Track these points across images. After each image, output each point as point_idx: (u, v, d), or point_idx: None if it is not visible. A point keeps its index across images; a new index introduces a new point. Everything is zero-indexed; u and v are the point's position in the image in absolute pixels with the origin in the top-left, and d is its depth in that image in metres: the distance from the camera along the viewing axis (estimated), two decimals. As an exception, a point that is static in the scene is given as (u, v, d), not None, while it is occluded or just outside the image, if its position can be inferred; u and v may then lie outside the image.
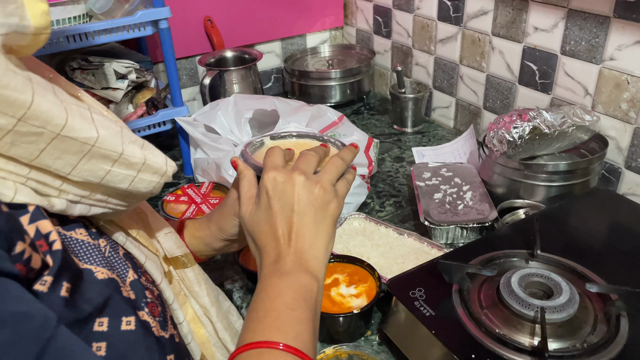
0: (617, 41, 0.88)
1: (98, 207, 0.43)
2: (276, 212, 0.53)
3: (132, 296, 0.45)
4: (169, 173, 0.47)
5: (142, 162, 0.43)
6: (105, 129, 0.40)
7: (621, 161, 0.93)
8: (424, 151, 1.15)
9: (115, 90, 1.09)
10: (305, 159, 0.56)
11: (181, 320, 0.52)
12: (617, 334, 0.58)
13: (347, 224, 0.92)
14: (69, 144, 0.37)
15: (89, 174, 0.39)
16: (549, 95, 1.03)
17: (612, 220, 0.80)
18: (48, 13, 0.37)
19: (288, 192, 0.52)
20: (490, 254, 0.71)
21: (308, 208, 0.52)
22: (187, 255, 0.57)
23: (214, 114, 1.05)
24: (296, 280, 0.50)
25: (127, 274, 0.46)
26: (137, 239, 0.51)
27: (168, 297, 0.52)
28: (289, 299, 0.49)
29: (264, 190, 0.54)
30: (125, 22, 0.96)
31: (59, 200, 0.39)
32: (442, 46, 1.26)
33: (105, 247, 0.45)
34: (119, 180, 0.42)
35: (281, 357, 0.45)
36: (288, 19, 1.48)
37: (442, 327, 0.61)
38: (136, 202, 0.48)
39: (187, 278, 0.58)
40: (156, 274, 0.51)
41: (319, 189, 0.53)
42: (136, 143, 0.43)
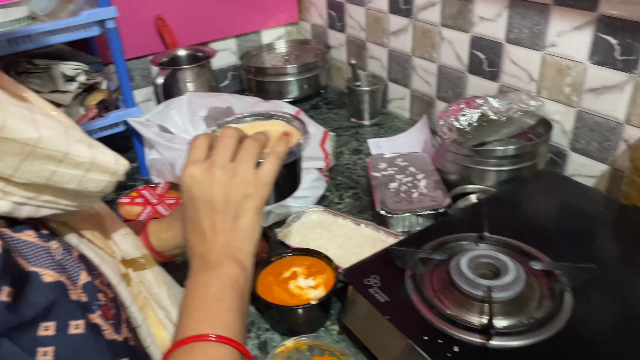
0: (557, 28, 0.91)
1: (47, 208, 0.42)
2: (198, 209, 0.53)
3: (84, 299, 0.44)
4: (121, 172, 0.46)
5: (90, 162, 0.42)
6: (47, 129, 0.39)
7: (566, 144, 0.97)
8: (380, 142, 1.17)
9: (63, 93, 1.07)
10: (222, 149, 0.54)
11: (140, 323, 0.52)
12: (561, 308, 0.61)
13: (306, 217, 0.93)
14: (9, 146, 0.37)
15: (32, 175, 0.39)
16: (497, 83, 1.06)
17: (558, 201, 0.84)
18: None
19: (206, 190, 0.52)
20: (442, 239, 0.73)
21: (227, 204, 0.53)
22: (145, 256, 0.57)
23: (167, 114, 1.04)
24: (222, 271, 0.51)
25: (80, 276, 0.45)
26: (92, 240, 0.50)
27: (125, 299, 0.51)
28: (216, 290, 0.50)
29: (184, 188, 0.54)
30: (70, 23, 0.94)
31: (3, 202, 0.39)
32: (394, 38, 1.28)
33: (58, 249, 0.44)
34: (66, 181, 0.41)
35: (212, 347, 0.46)
36: (242, 16, 1.48)
37: (396, 312, 0.62)
38: (88, 202, 0.47)
39: (146, 280, 0.57)
40: (112, 276, 0.50)
41: (237, 182, 0.53)
42: (83, 142, 0.42)
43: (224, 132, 0.55)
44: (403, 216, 0.88)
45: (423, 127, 1.12)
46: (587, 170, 0.95)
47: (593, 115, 0.91)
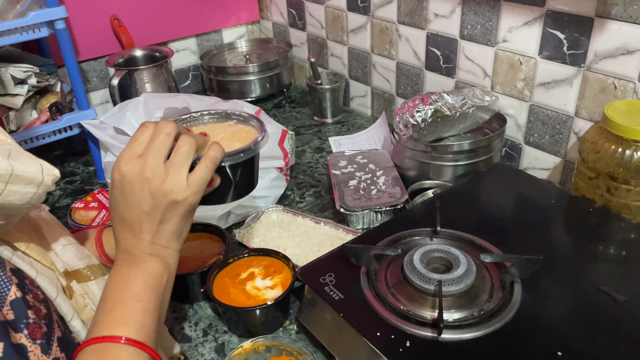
0: (508, 23, 0.93)
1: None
2: (126, 207, 0.52)
3: (11, 316, 0.42)
4: (48, 182, 0.44)
5: (9, 174, 0.40)
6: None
7: (520, 137, 0.99)
8: (340, 140, 1.17)
9: (14, 96, 1.04)
10: (156, 148, 0.52)
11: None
12: (511, 299, 0.62)
13: (265, 217, 0.92)
14: None
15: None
16: (453, 79, 1.07)
17: (511, 194, 0.85)
18: None
19: (136, 192, 0.52)
20: (397, 235, 0.73)
21: (155, 209, 0.52)
22: (90, 267, 0.55)
23: (122, 115, 1.02)
24: (145, 269, 0.52)
25: (9, 292, 0.43)
26: (27, 253, 0.48)
27: (65, 313, 0.50)
28: (137, 289, 0.50)
29: (114, 184, 0.53)
30: (17, 24, 0.91)
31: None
32: (353, 36, 1.28)
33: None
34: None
35: (124, 351, 0.46)
36: (202, 15, 1.46)
37: (350, 309, 0.62)
38: (16, 215, 0.45)
39: (91, 292, 0.55)
40: (50, 290, 0.49)
41: (166, 188, 0.52)
42: (0, 154, 0.40)
43: (161, 127, 0.53)
44: (362, 213, 0.88)
45: (382, 124, 1.13)
46: (541, 163, 0.97)
47: (545, 109, 0.93)
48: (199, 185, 0.54)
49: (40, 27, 0.94)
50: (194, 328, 0.75)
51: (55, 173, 0.46)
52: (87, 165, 1.19)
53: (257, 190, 0.95)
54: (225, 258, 0.78)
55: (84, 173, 1.16)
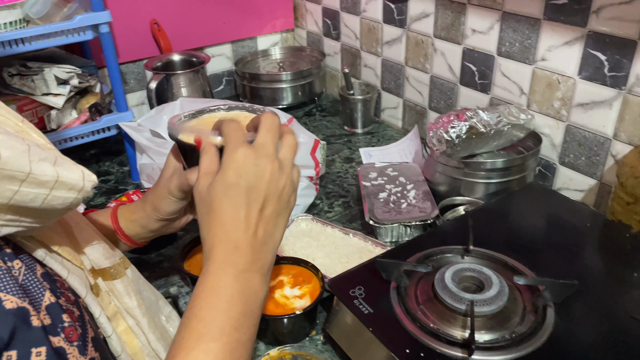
0: (547, 42, 0.92)
1: (10, 227, 0.41)
2: (244, 191, 0.49)
3: (48, 321, 0.43)
4: (87, 188, 0.45)
5: (55, 180, 0.41)
6: (8, 149, 0.38)
7: (555, 157, 0.98)
8: (371, 152, 1.17)
9: (56, 96, 1.07)
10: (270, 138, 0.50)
11: (109, 334, 0.51)
12: (544, 323, 0.61)
13: (294, 226, 0.93)
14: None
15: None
16: (488, 95, 1.07)
17: (545, 215, 0.84)
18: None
19: (260, 175, 0.49)
20: (428, 251, 0.73)
21: (275, 197, 0.50)
22: (115, 266, 0.56)
23: (159, 119, 1.04)
24: (250, 284, 0.49)
25: (44, 297, 0.44)
26: (60, 253, 0.49)
27: (94, 311, 0.51)
28: (237, 313, 0.47)
29: (233, 165, 0.49)
30: (63, 26, 0.94)
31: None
32: (388, 48, 1.29)
33: (20, 269, 0.43)
34: (30, 200, 0.40)
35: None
36: (238, 22, 1.48)
37: (379, 324, 0.63)
38: (54, 218, 0.46)
39: (116, 290, 0.57)
40: (80, 289, 0.50)
41: (285, 179, 0.51)
42: (47, 160, 0.41)
43: (269, 118, 0.51)
44: (391, 226, 0.88)
45: (414, 138, 1.13)
46: (575, 184, 0.96)
47: (582, 129, 0.92)
48: (297, 182, 0.54)
49: (86, 31, 0.97)
50: (221, 333, 0.76)
51: (94, 179, 0.47)
52: (122, 165, 1.22)
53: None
54: (255, 265, 0.79)
55: (118, 173, 1.19)
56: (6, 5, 0.94)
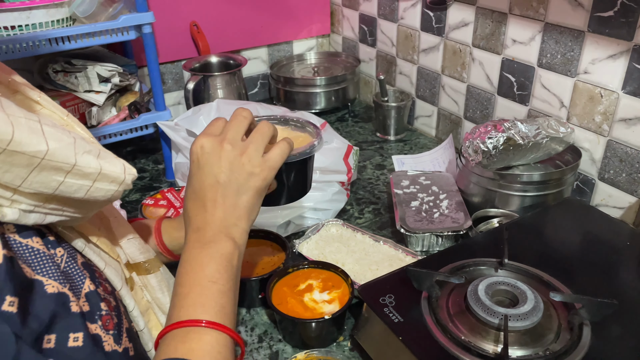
0: (591, 55, 0.90)
1: (54, 215, 0.42)
2: (202, 180, 0.54)
3: (87, 308, 0.44)
4: (128, 181, 0.46)
5: (98, 172, 0.43)
6: (56, 141, 0.39)
7: (594, 172, 0.95)
8: (404, 159, 1.16)
9: (98, 93, 1.10)
10: (234, 126, 0.55)
11: (142, 327, 0.52)
12: (579, 342, 0.59)
13: (325, 230, 0.93)
14: (17, 158, 0.37)
15: (40, 185, 0.39)
16: (526, 107, 1.05)
17: (582, 231, 0.82)
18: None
19: (213, 162, 0.53)
20: (461, 262, 0.72)
21: (231, 179, 0.53)
22: (150, 261, 0.57)
23: (196, 119, 1.06)
24: (217, 250, 0.52)
25: (84, 284, 0.46)
26: (98, 245, 0.51)
27: (128, 304, 0.52)
28: (211, 270, 0.51)
29: (192, 157, 0.55)
30: (108, 26, 0.97)
31: (10, 210, 0.39)
32: (424, 56, 1.28)
33: (62, 256, 0.45)
34: (74, 191, 0.41)
35: (206, 334, 0.47)
36: (275, 26, 1.50)
37: (409, 334, 0.62)
38: (95, 209, 0.47)
39: (149, 284, 0.58)
40: (116, 281, 0.51)
41: (244, 160, 0.54)
42: (91, 153, 0.43)
43: (238, 112, 0.57)
44: (423, 236, 0.88)
45: (448, 147, 1.12)
46: (615, 201, 0.93)
47: (624, 145, 0.89)
48: (274, 162, 0.56)
49: (129, 30, 0.99)
50: (249, 333, 0.76)
51: (134, 172, 0.48)
52: (157, 163, 1.24)
53: (318, 203, 0.97)
54: (285, 267, 0.79)
55: (153, 170, 1.21)
56: (54, 3, 0.98)
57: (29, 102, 0.48)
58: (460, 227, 0.87)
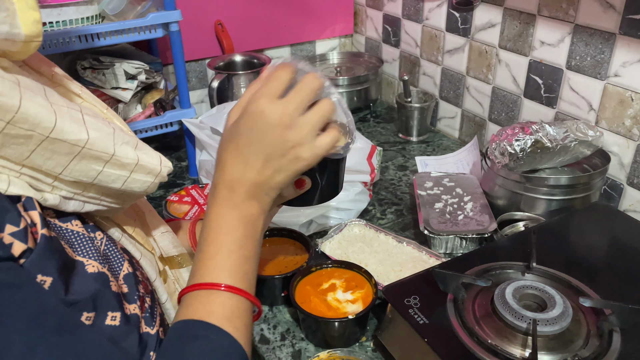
0: (622, 58, 0.88)
1: (92, 204, 0.44)
2: (251, 142, 0.50)
3: (125, 289, 0.46)
4: (164, 173, 0.47)
5: (135, 163, 0.44)
6: (96, 131, 0.40)
7: (623, 177, 0.94)
8: (427, 160, 1.16)
9: (124, 90, 1.11)
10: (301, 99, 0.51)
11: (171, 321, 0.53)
12: (609, 349, 0.58)
13: (347, 230, 0.93)
14: (59, 146, 0.38)
15: (80, 174, 0.40)
16: (553, 109, 1.03)
17: (611, 236, 0.81)
18: (40, 21, 0.38)
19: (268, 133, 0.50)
20: (487, 265, 0.71)
21: (280, 155, 0.51)
22: (182, 255, 0.58)
23: (220, 117, 1.06)
24: (247, 214, 0.51)
25: (122, 266, 0.47)
26: (133, 236, 0.52)
27: (161, 295, 0.53)
28: (239, 235, 0.50)
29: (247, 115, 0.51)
30: (137, 24, 0.98)
31: (52, 195, 0.40)
32: (449, 57, 1.27)
33: (102, 239, 0.46)
34: (112, 180, 0.42)
35: (228, 299, 0.47)
36: (298, 25, 1.50)
37: (435, 336, 0.61)
38: (131, 201, 0.49)
39: (181, 278, 0.58)
40: (151, 272, 0.52)
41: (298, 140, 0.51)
42: (129, 144, 0.44)
43: (308, 81, 0.51)
44: (447, 238, 0.87)
45: (473, 149, 1.11)
46: (644, 206, 0.91)
47: (654, 150, 0.87)
48: (323, 150, 0.53)
49: (157, 28, 1.00)
50: (272, 331, 0.76)
51: (170, 165, 0.49)
52: (180, 160, 1.25)
53: (341, 203, 0.97)
54: (309, 266, 0.79)
55: (176, 167, 1.22)
56: (85, 1, 0.99)
57: (71, 94, 0.49)
58: (485, 229, 0.86)
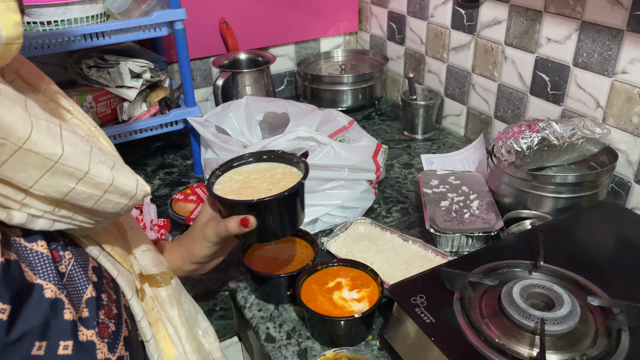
0: (629, 54, 0.88)
1: (62, 223, 0.42)
2: None
3: (85, 314, 0.44)
4: (139, 197, 0.46)
5: (110, 183, 0.43)
6: (72, 147, 0.39)
7: (631, 175, 0.93)
8: (433, 158, 1.15)
9: (129, 88, 1.11)
10: None
11: (148, 338, 0.52)
12: (618, 348, 0.58)
13: (353, 229, 0.93)
14: (32, 158, 0.37)
15: (51, 189, 0.39)
16: (560, 107, 1.03)
17: (619, 234, 0.80)
18: (20, 24, 0.37)
19: None
20: (494, 264, 0.71)
21: None
22: (162, 274, 0.57)
23: (225, 115, 1.06)
24: None
25: (86, 290, 0.46)
26: (111, 254, 0.51)
27: (137, 313, 0.52)
28: None
29: None
30: (142, 22, 0.98)
31: (19, 213, 0.39)
32: (454, 54, 1.26)
33: (70, 259, 0.45)
34: (83, 199, 0.41)
35: None
36: (303, 23, 1.49)
37: (441, 335, 0.61)
38: (105, 221, 0.47)
39: (160, 297, 0.58)
40: (127, 290, 0.51)
41: None
42: (105, 164, 0.43)
43: None
44: (453, 236, 0.86)
45: (479, 146, 1.10)
46: (652, 204, 0.91)
47: (663, 147, 0.87)
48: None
49: (162, 27, 1.00)
50: (278, 329, 0.76)
51: (147, 190, 0.48)
52: (185, 158, 1.25)
53: (346, 201, 0.96)
54: (314, 264, 0.79)
55: (181, 166, 1.22)
56: (89, 0, 0.99)
57: (61, 110, 0.48)
58: (492, 228, 0.86)
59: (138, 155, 1.27)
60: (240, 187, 0.69)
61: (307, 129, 0.94)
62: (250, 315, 0.79)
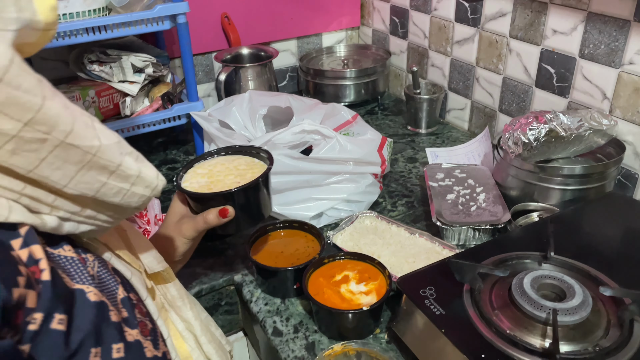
0: (637, 45, 0.87)
1: (87, 224, 0.41)
2: None
3: (125, 314, 0.43)
4: (159, 188, 0.45)
5: (137, 175, 0.42)
6: (106, 138, 0.38)
7: (638, 167, 0.92)
8: (437, 152, 1.14)
9: (132, 83, 1.10)
10: None
11: (166, 337, 0.52)
12: (630, 338, 0.57)
13: (359, 222, 0.92)
14: (72, 153, 0.36)
15: (85, 186, 0.38)
16: (566, 99, 1.02)
17: (627, 225, 0.79)
18: (56, 8, 0.36)
19: None
20: (503, 255, 0.70)
21: None
22: (167, 270, 0.57)
23: (228, 110, 1.05)
24: None
25: (118, 290, 0.45)
26: (121, 255, 0.50)
27: (153, 312, 0.51)
28: None
29: None
30: (144, 16, 0.97)
31: (50, 217, 0.38)
32: (458, 48, 1.25)
33: (94, 261, 0.44)
34: (113, 194, 0.40)
35: None
36: (305, 18, 1.49)
37: (452, 327, 0.61)
38: (122, 218, 0.46)
39: (169, 293, 0.57)
40: (141, 290, 0.50)
41: None
42: (131, 155, 0.42)
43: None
44: (459, 229, 0.86)
45: (484, 140, 1.10)
46: (660, 196, 0.90)
47: (671, 138, 0.86)
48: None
49: (164, 20, 1.00)
50: (285, 323, 0.76)
51: (164, 180, 0.47)
52: (188, 154, 1.25)
53: (351, 195, 0.96)
54: (321, 258, 0.78)
55: (184, 161, 1.22)
56: (91, -6, 0.98)
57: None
58: (499, 220, 0.85)
59: (141, 151, 1.25)
60: (209, 182, 0.72)
61: (311, 122, 0.94)
62: (257, 310, 0.79)
